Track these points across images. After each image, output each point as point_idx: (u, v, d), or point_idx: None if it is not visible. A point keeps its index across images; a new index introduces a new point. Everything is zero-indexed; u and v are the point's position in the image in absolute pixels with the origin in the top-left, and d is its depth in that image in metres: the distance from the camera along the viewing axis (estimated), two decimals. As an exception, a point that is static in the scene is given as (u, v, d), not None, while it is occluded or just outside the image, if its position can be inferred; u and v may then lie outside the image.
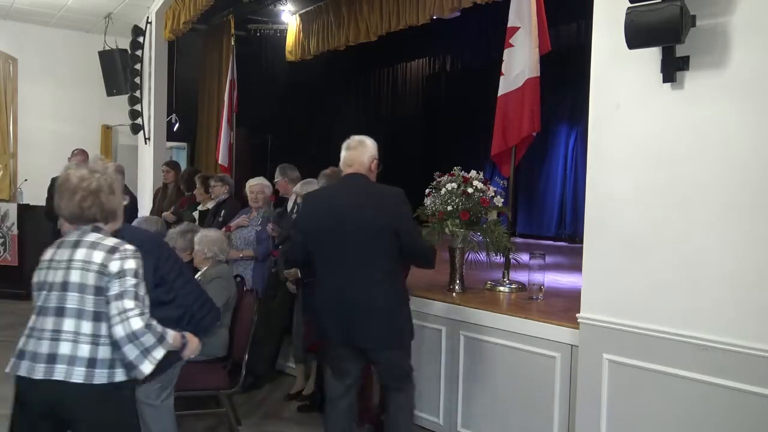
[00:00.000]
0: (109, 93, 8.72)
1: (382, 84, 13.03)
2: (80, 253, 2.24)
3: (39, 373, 2.17)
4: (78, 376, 2.16)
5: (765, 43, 2.50)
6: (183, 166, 9.49)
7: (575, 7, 7.01)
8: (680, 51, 2.67)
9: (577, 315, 3.12)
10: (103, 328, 2.20)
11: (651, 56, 2.77)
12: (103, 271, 2.20)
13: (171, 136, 8.84)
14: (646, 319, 2.83)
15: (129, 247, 2.29)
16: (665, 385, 2.77)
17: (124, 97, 8.54)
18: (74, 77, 9.10)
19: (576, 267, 4.88)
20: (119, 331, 2.18)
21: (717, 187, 2.62)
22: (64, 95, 9.09)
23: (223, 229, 4.88)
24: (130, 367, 2.21)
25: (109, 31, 8.57)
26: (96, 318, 2.20)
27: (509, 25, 4.29)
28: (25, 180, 8.35)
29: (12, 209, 7.52)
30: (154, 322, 2.26)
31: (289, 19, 8.36)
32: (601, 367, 2.99)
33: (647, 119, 2.83)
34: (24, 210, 7.52)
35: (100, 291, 2.20)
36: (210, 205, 5.80)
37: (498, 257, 4.21)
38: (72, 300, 2.20)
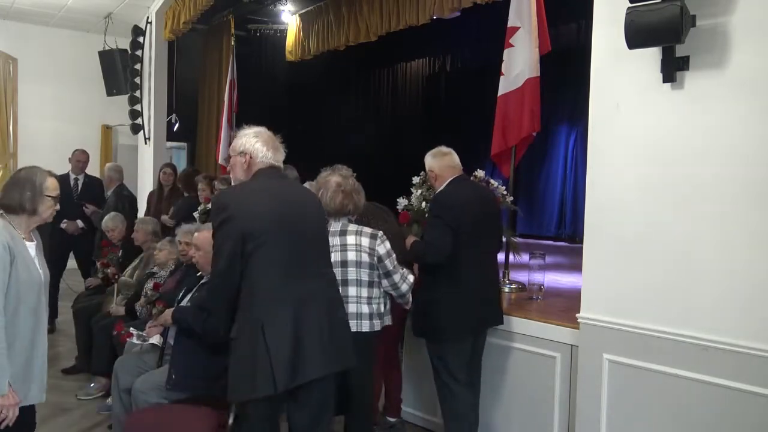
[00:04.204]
0: (109, 93, 8.71)
1: (382, 84, 13.02)
2: (351, 239, 3.03)
3: None
4: (364, 326, 3.02)
5: (765, 43, 2.50)
6: (184, 166, 9.50)
7: (575, 7, 7.02)
8: (680, 51, 2.68)
9: (577, 315, 3.12)
10: (375, 292, 3.09)
11: (651, 56, 2.77)
12: (372, 252, 3.04)
13: (171, 136, 8.83)
14: (646, 319, 2.83)
15: (381, 232, 3.11)
16: (665, 385, 2.77)
17: (124, 97, 8.53)
18: (74, 77, 9.11)
19: (576, 267, 4.88)
20: (405, 287, 3.17)
21: (717, 186, 2.62)
22: (64, 95, 9.09)
23: None
24: (408, 303, 3.32)
25: (109, 31, 8.57)
26: (370, 285, 3.05)
27: (509, 25, 4.29)
28: (25, 180, 8.33)
29: (12, 209, 7.50)
30: None
31: (289, 19, 8.36)
32: (601, 367, 2.99)
33: (647, 119, 2.83)
34: (24, 210, 7.50)
35: (372, 266, 3.04)
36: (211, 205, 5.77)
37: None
38: (351, 273, 3.01)
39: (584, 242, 3.13)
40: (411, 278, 3.24)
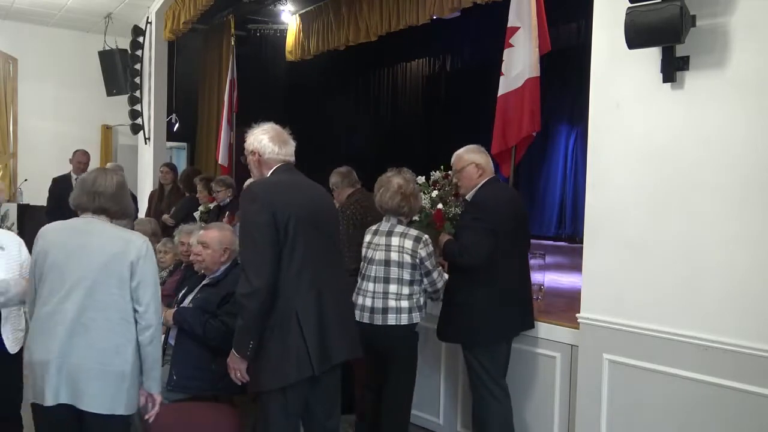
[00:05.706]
0: (109, 93, 8.71)
1: (382, 84, 12.99)
2: (395, 240, 3.26)
3: (378, 320, 3.23)
4: (403, 320, 3.22)
5: (765, 43, 2.50)
6: (184, 166, 9.50)
7: (575, 7, 7.01)
8: (680, 51, 2.68)
9: (577, 315, 3.12)
10: (415, 289, 3.28)
11: (651, 56, 2.77)
12: (414, 254, 3.23)
13: (171, 136, 8.82)
14: (646, 319, 2.83)
15: (426, 236, 3.28)
16: (665, 385, 2.77)
17: (124, 97, 8.53)
18: (74, 77, 9.09)
19: (576, 267, 4.88)
20: (441, 283, 3.34)
21: (717, 186, 2.62)
22: (64, 95, 9.08)
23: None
24: (439, 299, 3.43)
25: (109, 31, 8.57)
26: (411, 284, 3.26)
27: (509, 25, 4.29)
28: (25, 180, 8.34)
29: (12, 209, 7.51)
30: None
31: (289, 19, 8.36)
32: (601, 367, 2.99)
33: (647, 119, 2.84)
34: (24, 210, 7.52)
35: (414, 266, 3.24)
36: (211, 206, 5.78)
37: None
38: (393, 272, 3.23)
39: (584, 242, 3.13)
40: (446, 276, 3.41)
